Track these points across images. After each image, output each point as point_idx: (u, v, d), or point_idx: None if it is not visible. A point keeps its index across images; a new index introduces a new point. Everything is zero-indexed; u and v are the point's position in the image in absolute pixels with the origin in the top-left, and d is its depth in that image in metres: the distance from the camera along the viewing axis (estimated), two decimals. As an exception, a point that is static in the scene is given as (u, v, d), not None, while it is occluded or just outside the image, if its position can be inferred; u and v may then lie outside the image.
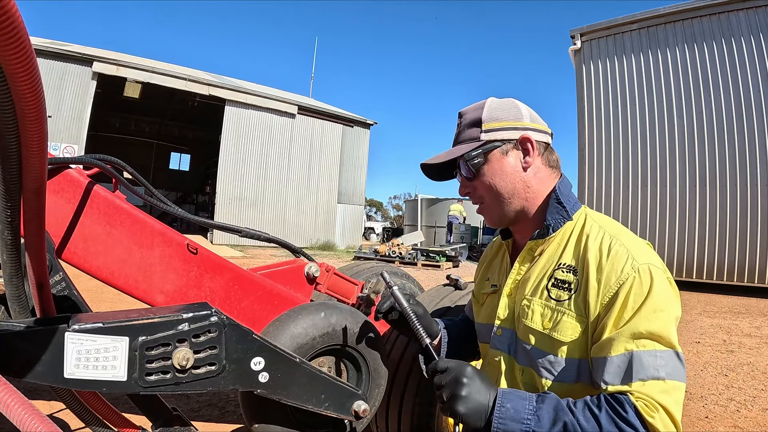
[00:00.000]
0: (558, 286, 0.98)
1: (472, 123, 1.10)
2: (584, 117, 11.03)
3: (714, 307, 7.22)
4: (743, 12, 9.16)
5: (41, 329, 0.80)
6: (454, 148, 1.13)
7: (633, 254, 0.92)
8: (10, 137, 0.59)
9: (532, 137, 1.07)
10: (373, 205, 58.25)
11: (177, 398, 2.65)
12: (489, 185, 1.08)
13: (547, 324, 0.97)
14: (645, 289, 0.88)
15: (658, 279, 0.89)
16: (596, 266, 0.93)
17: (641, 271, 0.89)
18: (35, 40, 14.04)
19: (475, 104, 1.14)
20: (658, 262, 0.92)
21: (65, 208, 1.45)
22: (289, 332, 1.16)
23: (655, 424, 0.81)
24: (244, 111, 17.22)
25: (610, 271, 0.91)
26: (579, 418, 0.83)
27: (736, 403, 3.09)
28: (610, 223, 1.03)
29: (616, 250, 0.93)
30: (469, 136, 1.10)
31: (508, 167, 1.07)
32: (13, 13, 0.45)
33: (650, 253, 0.95)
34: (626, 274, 0.89)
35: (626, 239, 0.96)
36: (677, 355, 0.85)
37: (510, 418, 0.85)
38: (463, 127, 1.12)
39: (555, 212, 1.03)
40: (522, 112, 1.09)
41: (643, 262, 0.90)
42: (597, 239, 0.97)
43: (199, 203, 26.31)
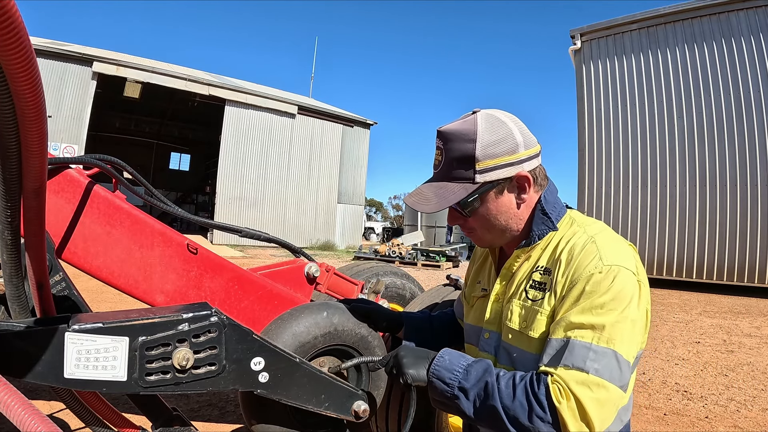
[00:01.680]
0: (534, 287, 0.99)
1: (463, 159, 0.99)
2: (584, 117, 11.03)
3: (714, 307, 7.22)
4: (743, 12, 9.17)
5: (41, 329, 0.79)
6: (443, 186, 1.02)
7: (602, 254, 0.91)
8: (10, 137, 0.59)
9: (528, 172, 1.01)
10: (373, 205, 58.28)
11: (177, 398, 2.65)
12: (482, 223, 1.05)
13: (522, 323, 0.99)
14: (602, 287, 0.87)
15: (620, 280, 0.88)
16: (566, 263, 0.94)
17: (605, 270, 0.89)
18: (35, 40, 14.05)
19: (461, 127, 1.00)
20: (629, 264, 0.91)
21: (65, 208, 1.45)
22: (291, 330, 1.16)
23: (561, 410, 0.82)
24: (244, 111, 17.22)
25: (576, 266, 0.92)
26: (500, 383, 0.89)
27: (736, 403, 3.09)
28: (592, 224, 1.03)
29: (588, 248, 0.93)
30: (461, 176, 1.00)
31: (503, 206, 1.03)
32: (13, 13, 0.45)
33: (624, 255, 0.93)
34: (589, 270, 0.90)
35: (602, 239, 0.95)
36: (616, 357, 0.84)
37: (444, 367, 0.95)
38: (452, 160, 1.01)
39: (540, 223, 1.03)
40: (516, 140, 1.00)
41: (610, 263, 0.90)
42: (573, 239, 0.98)
43: (199, 203, 26.32)
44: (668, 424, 2.76)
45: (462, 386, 0.92)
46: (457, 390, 0.92)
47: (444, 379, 0.94)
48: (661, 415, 2.89)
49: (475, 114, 1.02)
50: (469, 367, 0.94)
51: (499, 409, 0.86)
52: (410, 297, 2.69)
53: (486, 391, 0.89)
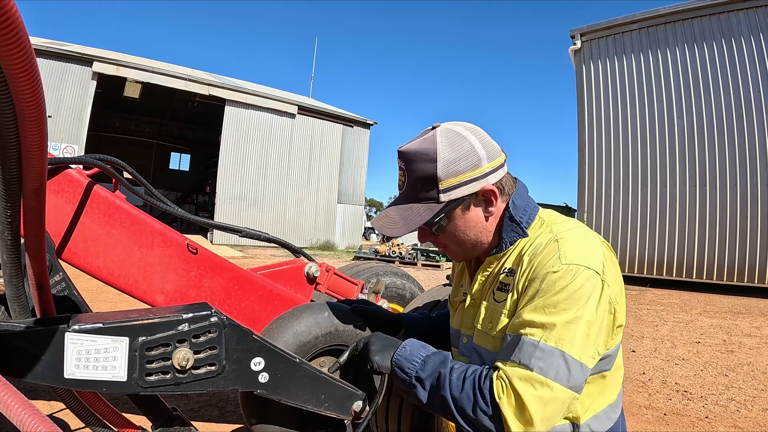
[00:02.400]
0: (500, 288, 1.00)
1: (425, 180, 0.98)
2: (584, 117, 11.03)
3: (714, 307, 7.22)
4: (743, 12, 9.17)
5: (41, 329, 0.79)
6: (408, 208, 1.01)
7: (562, 253, 0.90)
8: (10, 137, 0.59)
9: (493, 185, 1.00)
10: (373, 205, 58.29)
11: (177, 398, 2.65)
12: (452, 240, 1.05)
13: (487, 324, 1.01)
14: (557, 286, 0.87)
15: (578, 280, 0.87)
16: (527, 263, 0.95)
17: (562, 269, 0.88)
18: (35, 40, 14.05)
19: (420, 147, 0.98)
20: (592, 263, 0.89)
21: (65, 208, 1.45)
22: (292, 330, 1.16)
23: (501, 404, 0.83)
24: (244, 111, 17.22)
25: (536, 265, 0.92)
26: (453, 375, 0.92)
27: (736, 403, 3.09)
28: (562, 222, 1.02)
29: (549, 248, 0.93)
30: (425, 196, 0.99)
31: (471, 222, 1.02)
32: (13, 13, 0.45)
33: (587, 253, 0.91)
34: (545, 269, 0.90)
35: (566, 239, 0.94)
36: (564, 357, 0.84)
37: (405, 357, 0.99)
38: (414, 181, 0.99)
39: (510, 230, 1.02)
40: (478, 154, 0.97)
41: (569, 262, 0.88)
42: (537, 240, 0.98)
43: (199, 203, 26.33)
44: (668, 424, 2.76)
45: (419, 376, 0.96)
46: (414, 379, 0.96)
47: (404, 368, 0.98)
48: (661, 415, 2.89)
49: (434, 130, 1.00)
50: (427, 358, 0.98)
51: (448, 399, 0.89)
52: (410, 297, 2.69)
53: (438, 381, 0.92)
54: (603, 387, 0.99)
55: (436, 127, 1.01)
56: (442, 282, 2.00)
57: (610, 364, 0.98)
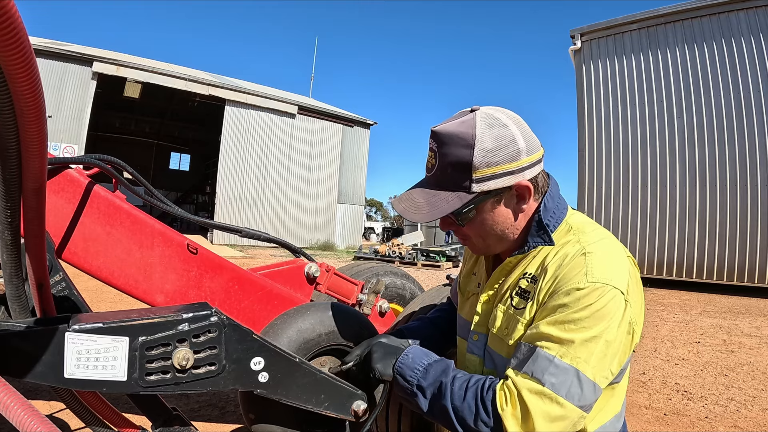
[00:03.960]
0: (520, 294, 0.96)
1: (458, 166, 0.90)
2: (584, 117, 11.03)
3: (714, 307, 7.22)
4: (743, 12, 9.17)
5: (41, 329, 0.79)
6: (436, 194, 0.94)
7: (589, 269, 0.86)
8: (10, 137, 0.59)
9: (528, 181, 0.94)
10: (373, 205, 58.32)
11: (177, 398, 2.65)
12: (477, 232, 0.99)
13: (503, 330, 0.97)
14: (581, 303, 0.83)
15: (603, 300, 0.83)
16: (552, 273, 0.91)
17: (588, 287, 0.84)
18: (35, 40, 14.05)
19: (458, 129, 0.90)
20: (617, 282, 0.86)
21: (65, 208, 1.45)
22: (296, 326, 1.17)
23: (504, 416, 0.80)
24: (244, 111, 17.22)
25: (561, 278, 0.88)
26: (455, 384, 0.89)
27: (736, 403, 3.09)
28: (591, 231, 0.97)
29: (576, 261, 0.88)
30: (456, 184, 0.91)
31: (500, 217, 0.96)
32: (13, 13, 0.45)
33: (614, 271, 0.87)
34: (571, 284, 0.86)
35: (594, 251, 0.89)
36: (578, 376, 0.81)
37: (407, 365, 0.97)
38: (446, 166, 0.92)
39: (536, 235, 0.98)
40: (519, 146, 0.91)
41: (595, 280, 0.84)
42: (564, 249, 0.93)
43: (199, 203, 26.35)
44: (668, 424, 2.76)
45: (420, 384, 0.94)
46: (416, 388, 0.94)
47: (405, 377, 0.96)
48: (661, 415, 2.89)
49: (474, 113, 0.92)
50: (429, 366, 0.95)
51: (449, 409, 0.87)
52: (410, 297, 2.69)
53: (440, 390, 0.90)
54: (610, 398, 0.97)
55: (475, 109, 0.94)
56: (442, 282, 2.00)
57: (621, 376, 0.96)
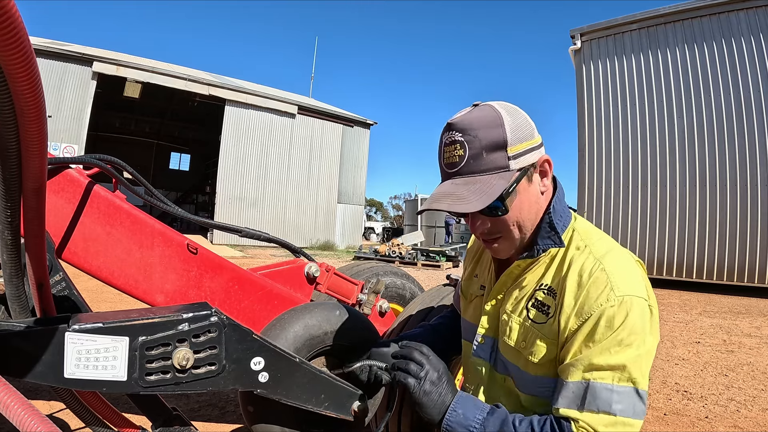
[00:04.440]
0: (537, 307, 0.95)
1: (492, 146, 0.89)
2: (584, 117, 11.02)
3: (714, 307, 7.22)
4: (743, 12, 9.16)
5: (41, 329, 0.79)
6: (477, 181, 0.89)
7: (613, 283, 0.86)
8: (10, 137, 0.59)
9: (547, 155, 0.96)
10: (373, 205, 58.30)
11: (177, 398, 2.65)
12: (516, 220, 0.94)
13: (521, 342, 0.96)
14: (616, 322, 0.83)
15: (635, 312, 0.84)
16: (573, 292, 0.89)
17: (617, 302, 0.84)
18: (35, 40, 14.05)
19: (481, 114, 0.91)
20: (641, 290, 0.87)
21: (65, 208, 1.45)
22: (304, 321, 1.18)
23: None
24: (244, 111, 17.22)
25: (585, 298, 0.87)
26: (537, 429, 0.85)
27: (736, 403, 3.09)
28: (598, 240, 0.97)
29: (597, 276, 0.88)
30: (495, 165, 0.89)
31: (533, 195, 0.95)
32: (13, 13, 0.45)
33: (634, 280, 0.88)
34: (600, 303, 0.85)
35: (611, 263, 0.90)
36: (637, 393, 0.83)
37: (458, 423, 0.90)
38: (481, 150, 0.89)
39: (546, 236, 0.96)
40: (532, 124, 0.95)
41: (622, 294, 0.85)
42: (579, 261, 0.92)
43: (199, 203, 26.35)
44: (668, 424, 2.76)
45: None
46: None
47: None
48: (661, 415, 2.89)
49: (485, 104, 0.94)
50: (485, 421, 0.89)
51: None
52: (410, 297, 2.69)
53: None
54: None
55: (478, 104, 0.95)
56: (442, 282, 2.00)
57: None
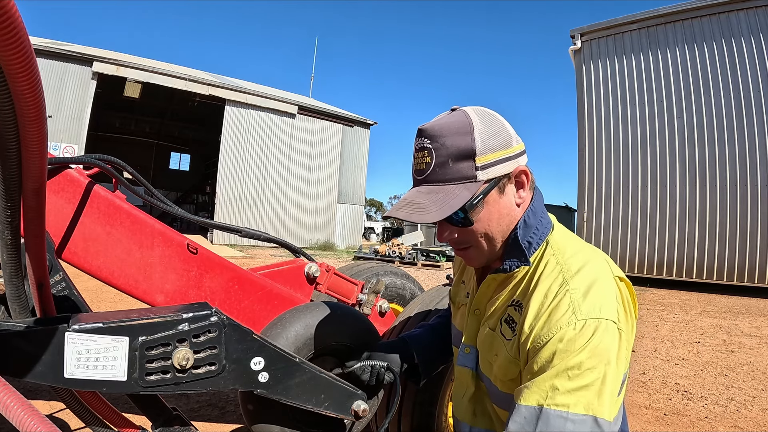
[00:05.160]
0: (507, 322, 0.92)
1: (459, 154, 0.85)
2: (584, 117, 11.03)
3: (714, 307, 7.22)
4: (743, 12, 9.17)
5: (41, 329, 0.79)
6: (439, 190, 0.86)
7: (576, 306, 0.80)
8: (10, 137, 0.59)
9: (525, 166, 0.91)
10: (373, 205, 58.36)
11: (177, 398, 2.65)
12: (483, 232, 0.90)
13: (493, 357, 0.95)
14: (576, 345, 0.77)
15: (599, 334, 0.77)
16: (534, 314, 0.84)
17: (579, 326, 0.78)
18: (35, 40, 14.05)
19: (452, 120, 0.87)
20: (608, 312, 0.80)
21: (65, 208, 1.45)
22: (305, 321, 1.19)
23: None
24: (244, 111, 17.22)
25: (544, 321, 0.82)
26: None
27: (736, 403, 3.09)
28: (571, 256, 0.90)
29: (559, 299, 0.82)
30: (461, 174, 0.85)
31: (504, 208, 0.90)
32: (13, 13, 0.45)
33: (603, 301, 0.82)
34: (559, 326, 0.79)
35: (579, 284, 0.84)
36: (596, 422, 0.75)
37: None
38: (447, 158, 0.85)
39: (513, 255, 0.92)
40: (510, 132, 0.90)
41: (585, 317, 0.79)
42: (546, 282, 0.87)
43: (199, 203, 26.36)
44: (668, 424, 2.76)
45: None
46: None
47: None
48: (661, 415, 2.89)
49: (460, 109, 0.90)
50: None
51: None
52: (410, 297, 2.69)
53: None
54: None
55: (456, 108, 0.91)
56: (442, 282, 2.00)
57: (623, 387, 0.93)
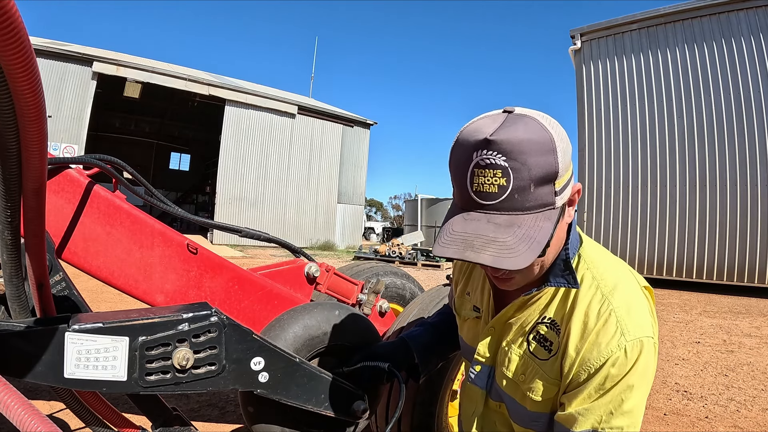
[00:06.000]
0: (539, 341, 0.89)
1: (543, 178, 0.72)
2: (584, 117, 11.03)
3: (714, 307, 7.22)
4: (743, 12, 9.17)
5: (41, 329, 0.79)
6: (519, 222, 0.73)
7: (624, 328, 0.79)
8: (10, 137, 0.59)
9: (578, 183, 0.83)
10: (373, 205, 58.34)
11: (177, 398, 2.65)
12: (542, 261, 0.83)
13: (519, 375, 0.91)
14: (626, 368, 0.78)
15: (644, 355, 0.78)
16: (579, 335, 0.82)
17: (628, 349, 0.78)
18: (35, 40, 14.05)
19: (532, 135, 0.71)
20: (649, 328, 0.81)
21: (65, 208, 1.45)
22: (303, 322, 1.18)
23: None
24: (244, 111, 17.22)
25: (593, 344, 0.80)
26: None
27: (736, 403, 3.09)
28: (605, 270, 0.87)
29: (605, 319, 0.80)
30: (541, 201, 0.73)
31: (562, 231, 0.83)
32: (13, 13, 0.45)
33: (643, 318, 0.82)
34: (610, 350, 0.78)
35: (620, 301, 0.82)
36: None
37: None
38: (529, 181, 0.71)
39: (560, 275, 0.86)
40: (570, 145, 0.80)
41: (633, 338, 0.78)
42: (585, 299, 0.84)
43: (199, 203, 26.35)
44: (668, 424, 2.76)
45: None
46: None
47: None
48: (661, 415, 2.89)
49: (529, 117, 0.74)
50: None
51: None
52: (410, 297, 2.69)
53: None
54: None
55: (512, 110, 0.77)
56: (442, 282, 2.00)
57: None
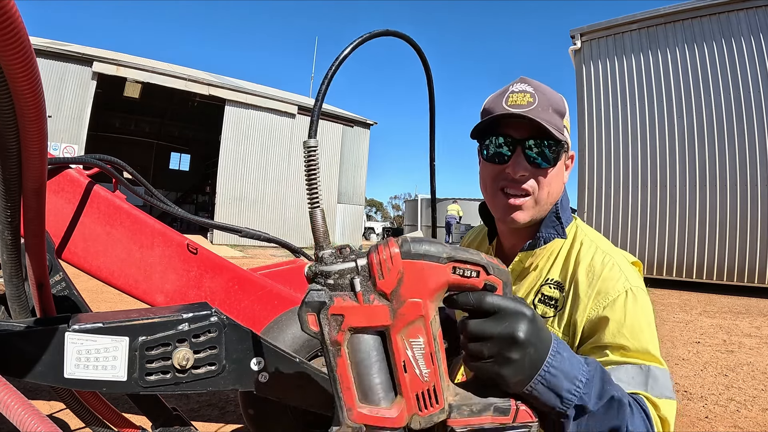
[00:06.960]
0: (544, 302, 0.95)
1: (556, 109, 0.93)
2: (584, 117, 11.02)
3: (714, 307, 7.22)
4: (743, 12, 9.16)
5: (41, 329, 0.79)
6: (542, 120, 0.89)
7: (627, 275, 0.90)
8: (10, 137, 0.59)
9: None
10: (373, 205, 58.34)
11: (177, 398, 2.65)
12: (545, 185, 0.95)
13: None
14: (640, 308, 0.86)
15: (648, 302, 0.89)
16: (588, 282, 0.90)
17: (635, 291, 0.88)
18: (35, 40, 14.05)
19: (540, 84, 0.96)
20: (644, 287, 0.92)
21: (65, 208, 1.45)
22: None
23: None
24: (244, 111, 17.22)
25: (603, 283, 0.89)
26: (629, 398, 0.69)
27: (736, 403, 3.09)
28: (600, 240, 1.00)
29: (610, 267, 0.90)
30: (556, 124, 0.91)
31: (561, 177, 0.99)
32: (13, 13, 0.45)
33: (639, 277, 0.93)
34: (619, 290, 0.87)
35: (619, 259, 0.93)
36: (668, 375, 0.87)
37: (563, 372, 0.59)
38: (548, 104, 0.91)
39: (551, 226, 0.98)
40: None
41: (636, 285, 0.89)
42: (588, 254, 0.94)
43: (199, 203, 26.35)
44: (668, 424, 2.76)
45: (582, 404, 0.60)
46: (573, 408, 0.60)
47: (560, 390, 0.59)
48: (661, 415, 2.89)
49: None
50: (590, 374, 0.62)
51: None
52: (410, 297, 2.68)
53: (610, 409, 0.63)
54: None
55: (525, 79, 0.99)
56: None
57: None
